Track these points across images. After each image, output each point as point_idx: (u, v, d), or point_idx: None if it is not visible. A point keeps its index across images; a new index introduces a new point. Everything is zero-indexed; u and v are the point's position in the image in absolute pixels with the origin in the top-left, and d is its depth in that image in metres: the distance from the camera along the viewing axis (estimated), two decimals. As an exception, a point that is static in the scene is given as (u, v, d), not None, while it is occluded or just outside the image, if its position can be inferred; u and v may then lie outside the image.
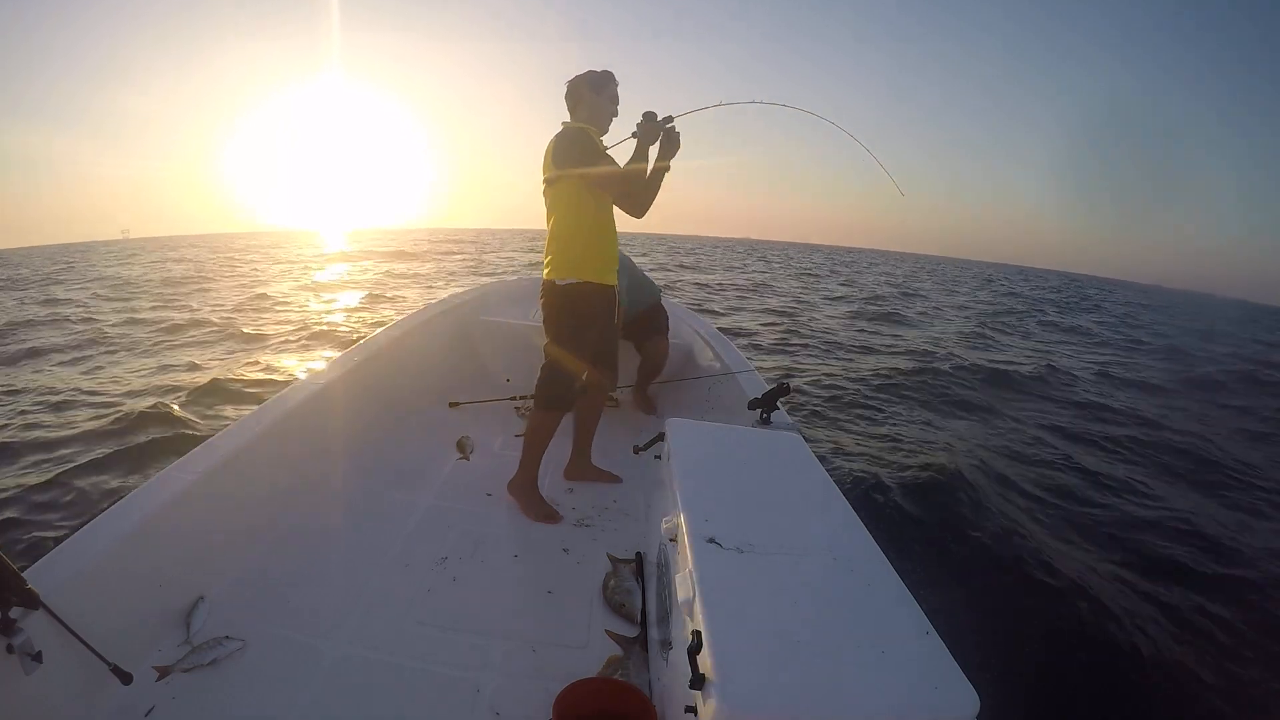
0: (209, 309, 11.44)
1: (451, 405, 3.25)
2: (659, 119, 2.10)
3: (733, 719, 0.91)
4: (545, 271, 2.27)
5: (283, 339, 8.62)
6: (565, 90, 2.23)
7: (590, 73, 2.20)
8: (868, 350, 9.56)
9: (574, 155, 2.10)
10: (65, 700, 1.33)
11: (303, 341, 8.47)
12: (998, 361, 9.45)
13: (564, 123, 2.21)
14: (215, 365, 6.94)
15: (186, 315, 10.59)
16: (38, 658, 1.23)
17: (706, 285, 18.36)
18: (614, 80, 2.21)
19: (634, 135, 2.12)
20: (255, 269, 22.32)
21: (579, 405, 2.51)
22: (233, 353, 7.78)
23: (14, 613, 1.22)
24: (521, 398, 3.32)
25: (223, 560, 1.84)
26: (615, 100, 2.21)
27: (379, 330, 3.30)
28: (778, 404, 2.29)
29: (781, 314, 12.83)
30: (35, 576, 1.30)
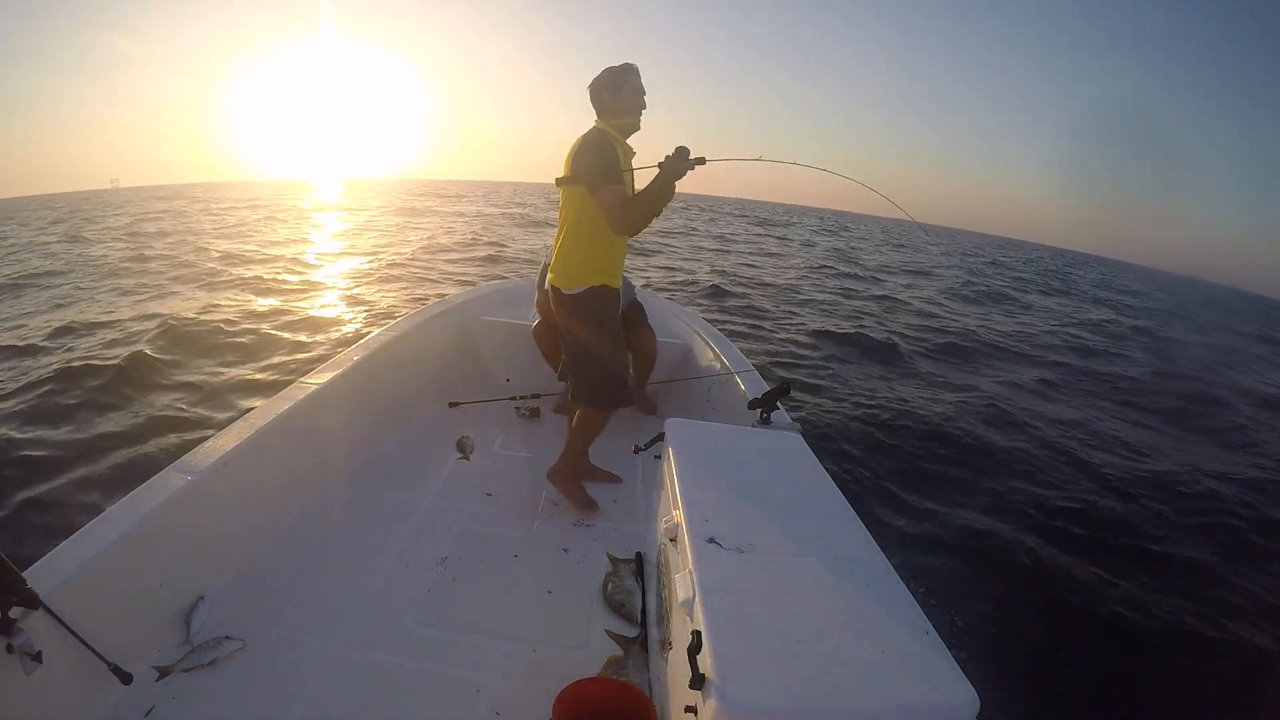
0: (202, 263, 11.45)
1: (451, 405, 3.25)
2: (691, 158, 2.00)
3: (733, 719, 0.91)
4: (552, 278, 2.22)
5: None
6: (589, 94, 2.16)
7: (606, 72, 2.12)
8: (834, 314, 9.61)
9: (588, 169, 2.03)
10: (65, 700, 1.33)
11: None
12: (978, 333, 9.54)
13: (595, 123, 2.14)
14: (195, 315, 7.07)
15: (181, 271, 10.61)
16: (38, 658, 1.23)
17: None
18: (631, 73, 2.10)
19: (659, 165, 2.03)
20: (242, 222, 22.05)
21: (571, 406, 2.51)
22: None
23: (14, 613, 1.22)
24: (521, 397, 3.32)
25: (223, 560, 1.84)
26: (638, 92, 2.11)
27: (379, 330, 3.30)
28: (778, 404, 2.29)
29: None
30: (35, 576, 1.30)
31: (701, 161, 2.02)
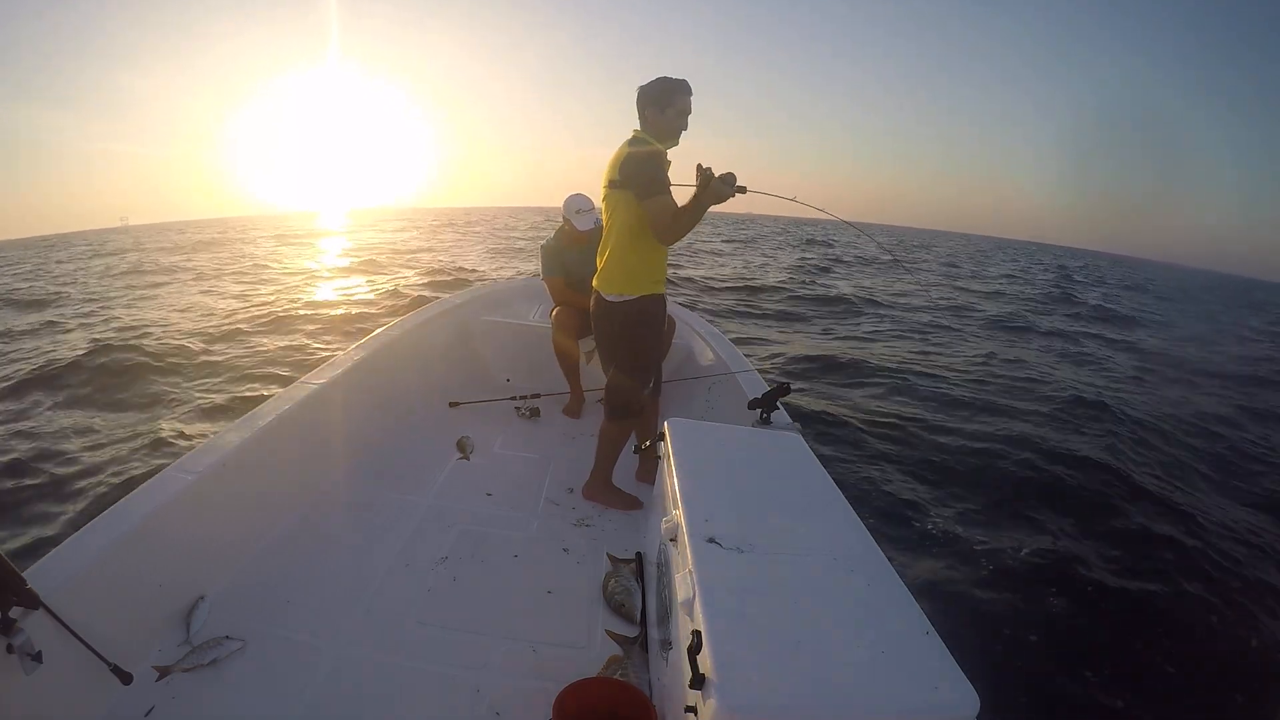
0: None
1: (451, 405, 3.25)
2: (735, 185, 1.99)
3: (733, 719, 0.91)
4: (598, 283, 2.24)
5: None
6: (635, 96, 2.12)
7: (659, 83, 2.05)
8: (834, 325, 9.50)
9: (639, 179, 2.02)
10: (65, 700, 1.33)
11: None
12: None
13: (635, 131, 2.12)
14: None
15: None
16: (38, 658, 1.23)
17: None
18: (680, 91, 2.05)
19: (696, 185, 2.01)
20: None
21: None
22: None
23: (14, 613, 1.23)
24: (522, 397, 3.32)
25: (223, 560, 1.84)
26: (683, 113, 2.08)
27: (379, 330, 3.30)
28: (778, 404, 2.29)
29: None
30: (35, 576, 1.30)
31: (743, 190, 2.03)
